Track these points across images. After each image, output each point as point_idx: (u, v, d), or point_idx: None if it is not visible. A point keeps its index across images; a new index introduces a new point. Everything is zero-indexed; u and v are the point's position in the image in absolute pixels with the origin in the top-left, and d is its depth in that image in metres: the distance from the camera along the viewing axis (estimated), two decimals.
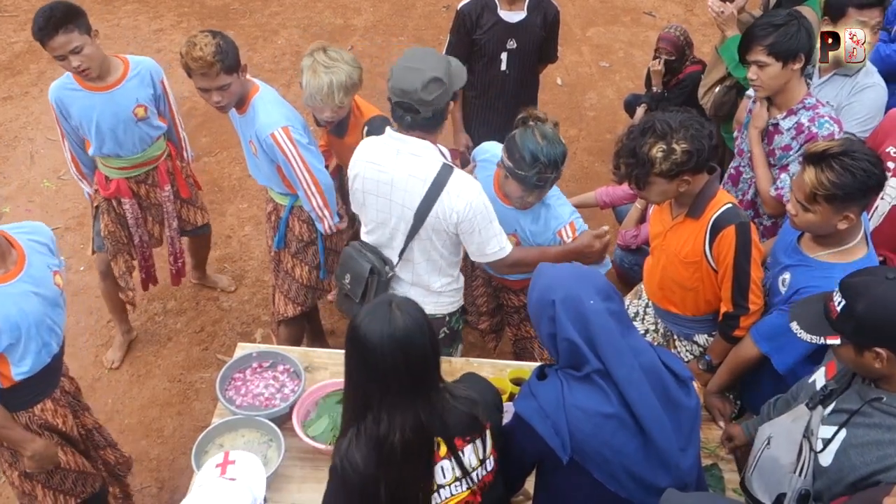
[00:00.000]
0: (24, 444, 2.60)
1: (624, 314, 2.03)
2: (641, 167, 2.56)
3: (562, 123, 5.91)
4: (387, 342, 1.85)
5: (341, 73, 3.11)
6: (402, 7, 7.22)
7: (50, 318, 2.57)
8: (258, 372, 2.90)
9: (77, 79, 3.39)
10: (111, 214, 3.72)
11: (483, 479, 2.04)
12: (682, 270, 2.79)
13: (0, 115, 5.67)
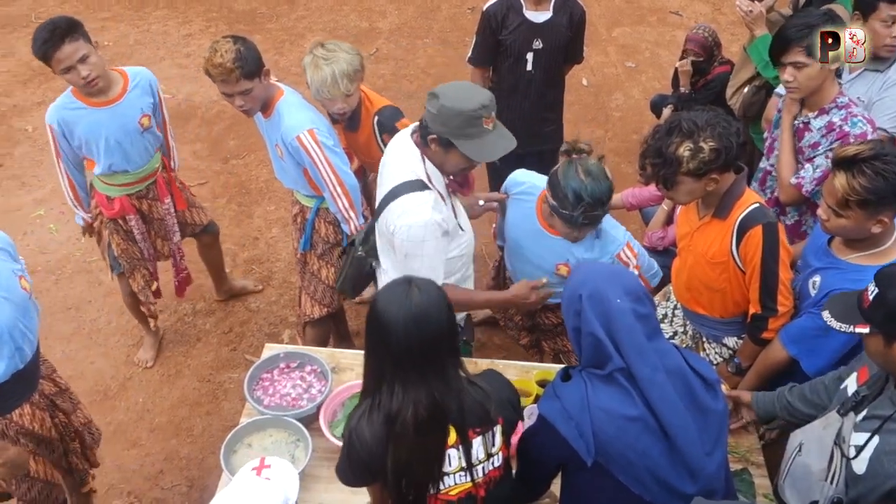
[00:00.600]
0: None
1: (652, 318, 2.02)
2: (668, 167, 2.54)
3: (587, 124, 5.90)
4: (402, 318, 1.90)
5: (342, 62, 3.17)
6: (427, 9, 7.24)
7: (22, 324, 2.58)
8: (286, 372, 2.93)
9: (79, 97, 3.38)
10: (119, 233, 3.73)
11: (489, 473, 2.04)
12: (709, 271, 2.77)
13: (34, 120, 5.77)
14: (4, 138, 5.60)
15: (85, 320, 4.37)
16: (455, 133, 2.56)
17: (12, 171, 5.33)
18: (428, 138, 2.63)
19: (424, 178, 2.68)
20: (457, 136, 2.56)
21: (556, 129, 4.27)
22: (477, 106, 2.54)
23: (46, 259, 4.70)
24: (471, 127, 2.55)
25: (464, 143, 2.57)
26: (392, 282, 2.02)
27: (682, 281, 2.93)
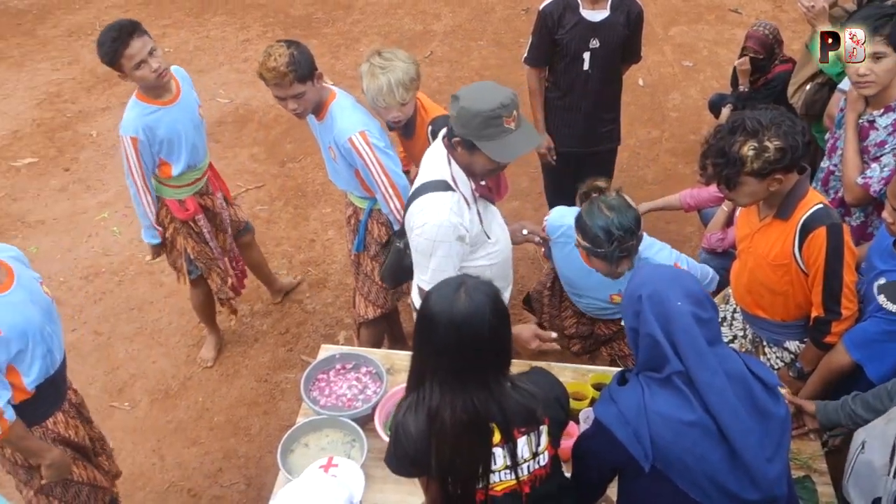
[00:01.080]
0: (42, 454, 2.66)
1: (714, 323, 1.98)
2: (731, 167, 2.48)
3: (643, 125, 5.83)
4: (444, 320, 1.91)
5: (398, 71, 3.17)
6: (482, 11, 7.24)
7: (48, 327, 2.65)
8: (341, 373, 2.95)
9: (148, 100, 3.42)
10: (192, 236, 3.79)
11: (534, 472, 2.03)
12: (770, 273, 2.70)
13: (99, 125, 5.94)
14: (70, 143, 5.78)
15: (147, 321, 4.48)
16: (476, 134, 2.53)
17: (78, 175, 5.49)
18: (453, 141, 2.62)
19: (449, 179, 2.66)
20: (478, 138, 2.53)
21: (614, 129, 4.22)
22: (495, 105, 2.50)
23: (110, 261, 4.83)
24: (491, 127, 2.51)
25: (485, 144, 2.54)
26: (445, 280, 2.03)
27: (742, 283, 2.87)
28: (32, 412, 2.63)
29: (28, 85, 6.37)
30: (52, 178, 5.46)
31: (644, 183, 5.32)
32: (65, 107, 6.14)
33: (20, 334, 2.51)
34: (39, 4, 7.40)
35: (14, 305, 2.52)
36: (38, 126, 5.95)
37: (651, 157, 5.57)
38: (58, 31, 7.03)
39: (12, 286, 2.55)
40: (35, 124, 5.96)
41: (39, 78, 6.45)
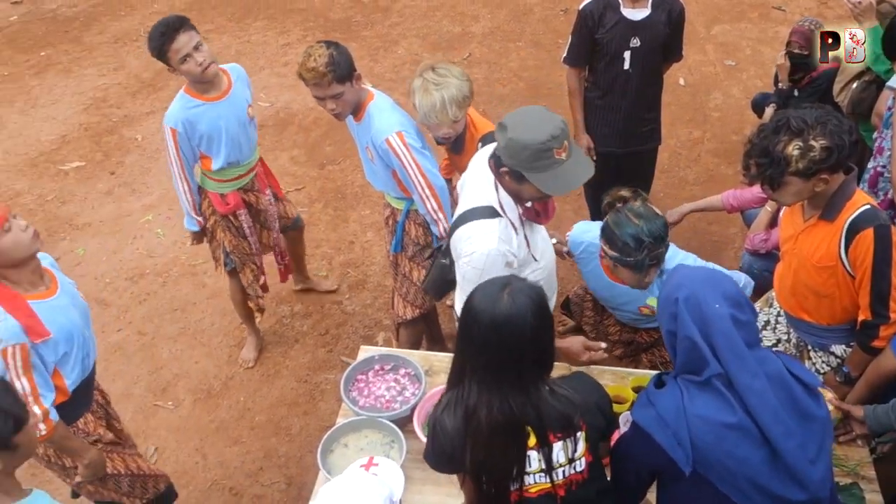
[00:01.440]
0: (82, 454, 2.73)
1: (752, 326, 1.95)
2: (776, 167, 2.43)
3: (685, 125, 5.76)
4: (486, 320, 1.92)
5: (451, 88, 3.14)
6: (520, 12, 7.22)
7: (87, 331, 2.73)
8: (380, 374, 2.97)
9: (194, 94, 3.51)
10: (231, 230, 3.85)
11: (569, 477, 2.02)
12: (815, 276, 2.65)
13: (144, 129, 6.05)
14: (116, 147, 5.89)
15: (190, 321, 4.55)
16: (526, 166, 2.44)
17: (123, 179, 5.60)
18: (500, 170, 2.55)
19: (496, 205, 2.60)
20: (528, 170, 2.44)
21: (655, 129, 4.18)
22: (546, 138, 2.39)
23: (154, 262, 4.92)
24: (541, 160, 2.41)
25: (535, 176, 2.45)
26: (491, 280, 2.04)
27: (787, 286, 2.81)
28: (67, 413, 2.69)
29: (75, 90, 6.52)
30: (98, 181, 5.57)
31: (685, 184, 5.26)
32: (110, 111, 6.27)
33: (66, 337, 2.59)
34: (86, 12, 7.57)
35: (60, 309, 2.60)
36: (86, 130, 6.08)
37: (692, 157, 5.50)
38: (104, 37, 7.18)
39: (57, 291, 2.63)
40: (82, 129, 6.10)
41: (86, 83, 6.60)
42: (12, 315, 2.45)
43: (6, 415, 1.88)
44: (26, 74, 6.73)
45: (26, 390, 2.49)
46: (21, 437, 1.94)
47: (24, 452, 1.99)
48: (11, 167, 5.73)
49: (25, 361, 2.47)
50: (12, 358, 2.45)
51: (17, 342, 2.44)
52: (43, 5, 7.70)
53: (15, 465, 1.98)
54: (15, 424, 1.90)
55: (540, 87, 6.21)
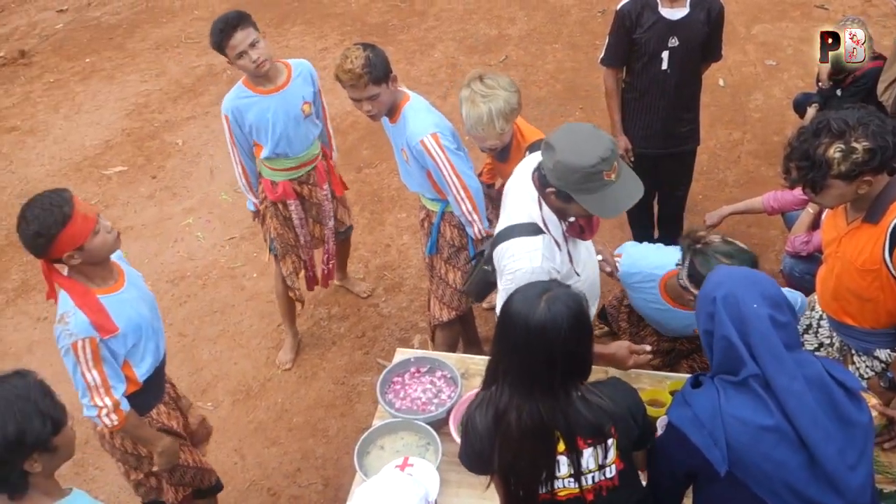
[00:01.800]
0: (154, 442, 2.80)
1: (792, 328, 1.92)
2: (817, 170, 2.38)
3: (724, 126, 5.68)
4: (520, 324, 1.94)
5: (499, 100, 3.11)
6: (557, 14, 7.19)
7: (155, 323, 2.80)
8: (416, 377, 2.97)
9: (249, 86, 3.64)
10: (278, 217, 3.94)
11: (599, 483, 2.01)
12: (858, 279, 2.59)
13: (184, 134, 6.15)
14: (157, 152, 6.00)
15: (229, 323, 4.61)
16: (574, 188, 2.40)
17: (164, 183, 5.70)
18: (546, 190, 2.51)
19: (540, 222, 2.57)
20: (576, 192, 2.41)
21: (693, 129, 4.13)
22: (595, 161, 2.34)
23: (194, 265, 4.99)
24: (590, 182, 2.37)
25: (584, 198, 2.41)
26: (532, 283, 2.04)
27: (829, 289, 2.76)
28: (140, 403, 2.77)
29: (118, 96, 6.65)
30: (140, 185, 5.68)
31: (725, 185, 5.19)
32: (152, 117, 6.38)
33: (135, 329, 2.67)
34: (129, 19, 7.72)
35: (128, 302, 2.67)
36: (128, 136, 6.19)
37: (732, 159, 5.43)
38: (146, 44, 7.32)
39: (125, 284, 2.71)
40: (125, 134, 6.21)
41: (129, 89, 6.73)
42: (82, 310, 2.54)
43: (44, 417, 1.92)
44: (71, 81, 6.88)
45: (97, 382, 2.58)
46: (60, 439, 1.97)
47: (64, 454, 2.02)
48: (57, 172, 5.86)
49: (95, 354, 2.56)
50: (83, 351, 2.54)
51: (86, 336, 2.53)
52: (87, 13, 7.87)
53: (54, 467, 2.01)
54: (53, 427, 1.94)
55: (577, 90, 6.18)
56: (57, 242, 2.48)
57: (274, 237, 3.98)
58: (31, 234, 2.48)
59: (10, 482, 1.93)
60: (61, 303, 2.59)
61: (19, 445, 1.88)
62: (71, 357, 2.56)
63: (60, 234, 2.47)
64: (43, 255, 2.53)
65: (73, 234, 2.49)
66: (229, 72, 6.73)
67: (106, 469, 3.86)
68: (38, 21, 7.80)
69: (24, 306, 4.81)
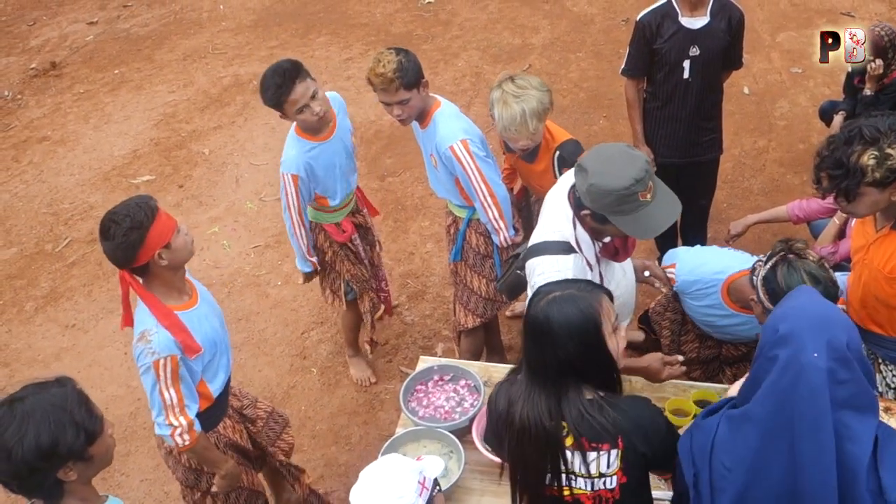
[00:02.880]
0: (219, 465, 2.79)
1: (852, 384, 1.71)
2: (851, 178, 2.35)
3: (749, 134, 5.65)
4: (530, 321, 2.00)
5: (532, 100, 3.14)
6: (580, 23, 7.19)
7: (226, 337, 2.81)
8: (439, 385, 2.98)
9: (306, 136, 3.41)
10: (349, 258, 3.79)
11: (599, 491, 2.01)
12: (886, 287, 2.57)
13: (211, 143, 6.22)
14: (184, 161, 6.07)
15: (254, 331, 4.64)
16: (609, 210, 2.39)
17: (191, 192, 5.76)
18: (581, 212, 2.49)
19: (573, 241, 2.55)
20: (612, 213, 2.39)
21: (715, 138, 4.11)
22: (630, 182, 2.33)
23: (220, 273, 5.04)
24: (626, 203, 2.36)
25: (620, 220, 2.40)
26: (554, 282, 2.08)
27: (857, 297, 2.73)
28: (209, 418, 2.77)
29: (146, 107, 6.74)
30: (167, 194, 5.74)
31: (750, 194, 5.15)
32: (179, 127, 6.46)
33: (210, 345, 2.67)
34: (157, 31, 7.83)
35: (203, 318, 2.68)
36: (156, 145, 6.28)
37: (757, 167, 5.39)
38: (174, 55, 7.42)
39: (199, 301, 2.71)
40: (153, 143, 6.30)
41: (157, 100, 6.82)
42: (168, 329, 2.54)
43: (78, 428, 1.92)
44: (101, 91, 6.99)
45: (174, 401, 2.57)
46: (96, 448, 1.98)
47: (101, 462, 2.04)
48: (86, 181, 5.95)
49: (175, 373, 2.56)
50: (163, 370, 2.53)
51: (168, 354, 2.53)
52: (117, 25, 8.00)
53: (90, 475, 2.03)
54: (87, 438, 1.95)
55: (601, 98, 6.17)
56: (150, 237, 2.47)
57: (349, 279, 3.82)
58: (125, 230, 2.45)
59: (45, 489, 1.95)
60: (140, 321, 2.57)
61: (52, 455, 1.89)
62: (151, 375, 2.54)
63: (153, 226, 2.48)
64: (133, 256, 2.49)
65: (162, 229, 2.51)
66: (255, 82, 6.80)
67: (131, 476, 3.91)
68: (68, 33, 7.94)
69: (53, 314, 4.88)
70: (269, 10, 7.86)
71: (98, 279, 5.03)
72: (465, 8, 7.60)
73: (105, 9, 8.26)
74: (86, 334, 4.70)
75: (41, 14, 8.31)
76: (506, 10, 7.50)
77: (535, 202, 3.79)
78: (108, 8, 8.27)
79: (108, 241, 2.49)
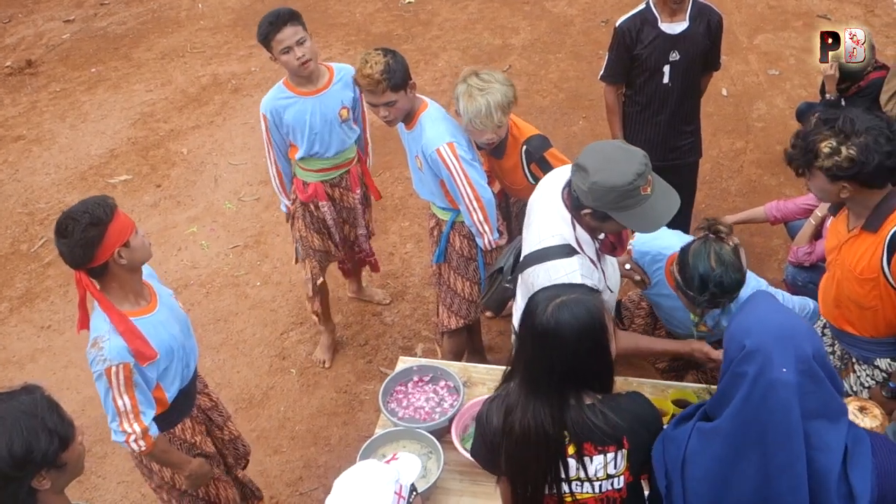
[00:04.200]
0: (182, 466, 2.78)
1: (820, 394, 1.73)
2: (806, 154, 2.46)
3: (727, 135, 5.69)
4: (530, 325, 1.97)
5: (496, 93, 3.15)
6: (560, 24, 7.22)
7: (188, 342, 2.78)
8: (419, 385, 2.98)
9: (289, 87, 3.65)
10: (305, 219, 3.91)
11: (606, 492, 2.01)
12: (857, 287, 2.60)
13: (189, 143, 6.18)
14: (162, 161, 6.02)
15: (232, 331, 4.61)
16: (612, 207, 2.39)
17: (169, 192, 5.72)
18: (581, 212, 2.49)
19: (574, 243, 2.54)
20: (614, 210, 2.39)
21: (694, 141, 4.14)
22: (632, 178, 2.34)
23: (198, 273, 5.00)
24: (629, 199, 2.37)
25: (624, 216, 2.40)
26: (554, 286, 2.08)
27: (830, 297, 2.76)
28: (164, 421, 2.74)
29: (124, 106, 6.68)
30: (144, 194, 5.70)
31: (728, 195, 5.19)
32: (157, 126, 6.41)
33: (167, 352, 2.64)
34: (135, 29, 7.76)
35: (161, 324, 2.64)
36: (133, 145, 6.22)
37: (735, 168, 5.44)
38: (152, 54, 7.36)
39: (157, 306, 2.68)
40: (130, 143, 6.24)
41: (134, 99, 6.76)
42: (121, 336, 2.51)
43: (51, 434, 1.88)
44: (77, 90, 6.92)
45: (127, 408, 2.54)
46: (68, 455, 1.94)
47: (73, 470, 1.99)
48: (62, 181, 5.89)
49: (128, 380, 2.53)
50: (115, 377, 2.50)
51: (120, 361, 2.50)
52: (94, 23, 7.92)
53: (63, 484, 1.99)
54: (61, 443, 1.91)
55: (580, 99, 6.19)
56: (109, 234, 2.45)
57: (297, 239, 3.99)
58: (84, 226, 2.41)
59: (20, 499, 1.90)
60: (95, 327, 2.55)
61: (27, 463, 1.85)
62: (103, 382, 2.52)
63: (112, 224, 2.45)
64: (91, 255, 2.46)
65: (121, 227, 2.48)
66: (234, 81, 6.78)
67: (108, 478, 3.87)
68: (44, 31, 7.85)
69: (28, 315, 4.82)
70: (249, 9, 7.81)
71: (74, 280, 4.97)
72: (446, 8, 7.60)
73: (82, 6, 8.18)
74: (61, 335, 4.65)
75: (17, 11, 8.21)
76: (486, 11, 7.51)
77: (514, 203, 3.80)
78: (85, 6, 8.19)
79: (65, 238, 2.45)
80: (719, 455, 1.80)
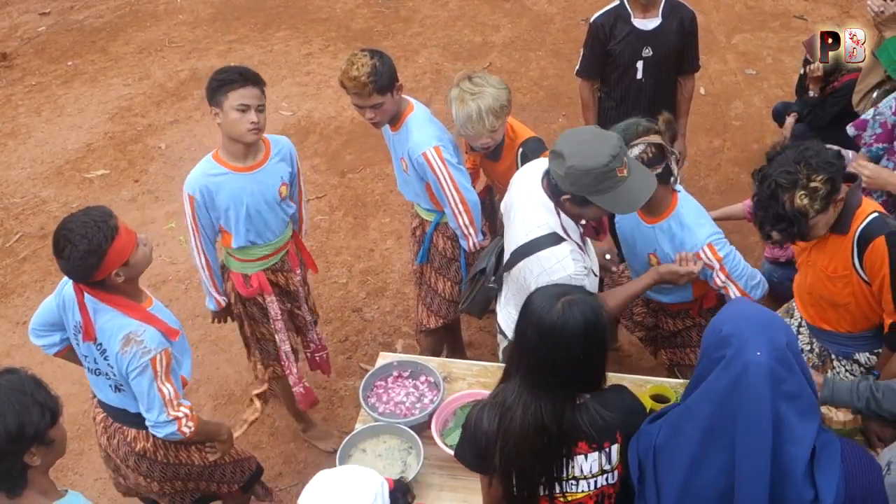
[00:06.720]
0: (220, 431, 2.89)
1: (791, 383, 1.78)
2: (798, 223, 2.46)
3: (705, 134, 5.75)
4: (534, 323, 1.96)
5: (488, 97, 3.13)
6: (541, 22, 7.24)
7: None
8: (399, 381, 2.98)
9: (221, 161, 3.15)
10: (250, 315, 3.49)
11: (601, 488, 2.04)
12: (829, 286, 2.65)
13: (167, 138, 6.13)
14: (140, 156, 5.97)
15: (211, 328, 4.57)
16: (589, 191, 2.41)
17: (147, 187, 5.67)
18: (561, 198, 2.51)
19: (559, 230, 2.56)
20: (592, 193, 2.42)
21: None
22: (607, 160, 2.37)
23: (176, 269, 4.97)
24: (605, 181, 2.39)
25: (601, 199, 2.43)
26: (555, 285, 2.09)
27: (805, 296, 2.81)
28: None
29: (101, 100, 6.62)
30: (122, 188, 5.65)
31: (706, 192, 5.25)
32: (135, 120, 6.36)
33: (181, 338, 2.71)
34: (112, 23, 7.69)
35: (163, 311, 2.69)
36: (111, 139, 6.17)
37: (713, 166, 5.49)
38: (129, 48, 7.29)
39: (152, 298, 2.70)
40: (107, 137, 6.18)
41: (112, 93, 6.70)
42: (150, 325, 2.54)
43: (42, 408, 1.94)
44: (53, 84, 6.84)
45: (171, 394, 2.59)
46: (55, 432, 1.99)
47: (58, 448, 2.04)
48: (38, 175, 5.82)
49: (169, 366, 2.58)
50: (160, 364, 2.55)
51: (162, 348, 2.55)
52: (70, 16, 7.83)
53: (50, 462, 2.03)
54: (52, 418, 1.96)
55: (560, 97, 6.22)
56: (107, 260, 2.43)
57: (248, 335, 3.55)
58: (81, 253, 2.40)
59: (12, 476, 1.94)
60: (118, 327, 2.54)
61: (20, 437, 1.90)
62: (148, 374, 2.53)
63: (110, 249, 2.42)
64: (88, 276, 2.47)
65: (121, 249, 2.46)
66: None
67: (85, 474, 3.84)
68: (20, 23, 7.75)
69: (3, 310, 4.77)
70: (228, 4, 7.76)
71: (50, 275, 4.92)
72: (426, 5, 7.60)
73: None
74: None
75: None
76: (466, 8, 7.52)
77: (498, 200, 3.81)
78: None
79: (62, 259, 2.45)
80: (690, 438, 1.85)
